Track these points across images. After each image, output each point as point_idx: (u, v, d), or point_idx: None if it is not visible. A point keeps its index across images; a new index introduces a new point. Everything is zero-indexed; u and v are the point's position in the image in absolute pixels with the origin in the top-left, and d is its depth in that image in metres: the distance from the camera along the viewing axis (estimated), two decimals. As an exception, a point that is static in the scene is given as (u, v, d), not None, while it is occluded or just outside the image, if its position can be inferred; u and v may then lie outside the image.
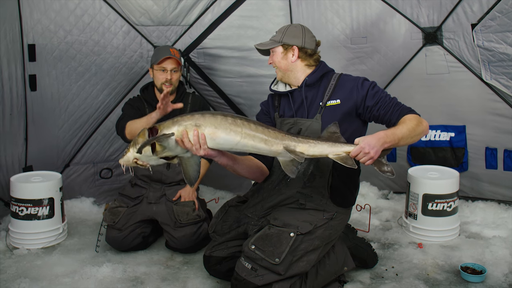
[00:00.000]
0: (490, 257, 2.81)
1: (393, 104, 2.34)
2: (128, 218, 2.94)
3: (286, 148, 2.13)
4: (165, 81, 2.97)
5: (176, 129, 2.05)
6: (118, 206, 3.00)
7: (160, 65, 2.97)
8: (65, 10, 3.19)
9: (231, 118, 2.10)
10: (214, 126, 2.07)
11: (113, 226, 2.91)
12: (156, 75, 3.01)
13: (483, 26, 3.21)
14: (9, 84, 3.09)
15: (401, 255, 2.88)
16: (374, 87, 2.38)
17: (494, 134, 3.41)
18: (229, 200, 2.69)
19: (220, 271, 2.53)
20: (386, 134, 2.19)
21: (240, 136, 2.08)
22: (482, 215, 3.39)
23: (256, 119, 2.61)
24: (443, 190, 3.06)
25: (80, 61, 3.30)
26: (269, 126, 2.19)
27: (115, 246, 2.93)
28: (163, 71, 2.98)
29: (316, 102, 2.41)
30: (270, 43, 2.50)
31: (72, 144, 3.50)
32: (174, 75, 3.00)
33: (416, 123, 2.27)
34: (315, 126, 2.37)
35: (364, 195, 3.66)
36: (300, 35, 2.47)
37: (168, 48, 3.04)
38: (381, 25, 3.45)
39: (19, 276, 2.59)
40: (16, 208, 2.96)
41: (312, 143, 2.17)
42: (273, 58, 2.49)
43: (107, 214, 2.98)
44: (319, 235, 2.36)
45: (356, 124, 2.41)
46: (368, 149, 2.11)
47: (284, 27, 2.52)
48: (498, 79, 3.27)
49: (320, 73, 2.45)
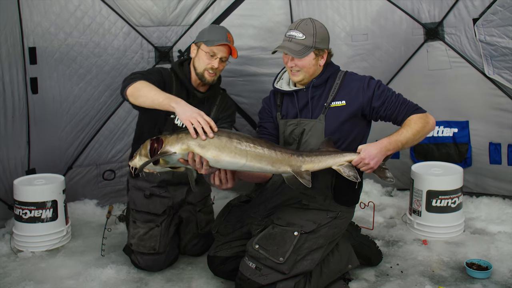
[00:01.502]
0: (495, 253, 2.80)
1: (399, 103, 2.32)
2: (166, 239, 2.67)
3: (293, 171, 2.14)
4: (210, 68, 2.60)
5: (180, 147, 2.05)
6: (150, 229, 2.65)
7: (211, 47, 2.58)
8: (65, 12, 3.19)
9: (236, 140, 2.05)
10: (218, 149, 2.04)
11: (154, 252, 2.64)
12: (201, 57, 2.61)
13: (484, 21, 3.19)
14: (11, 88, 3.09)
15: (405, 252, 2.87)
16: (380, 87, 2.34)
17: (497, 129, 3.39)
18: (232, 199, 2.69)
19: (225, 271, 2.52)
20: (389, 141, 2.21)
21: (245, 160, 2.07)
22: (487, 210, 3.38)
23: (258, 118, 2.61)
24: (447, 186, 3.05)
25: (81, 63, 3.30)
26: (275, 145, 2.15)
27: (156, 269, 2.67)
28: (211, 56, 2.59)
29: (320, 102, 2.38)
30: (302, 49, 2.29)
31: (75, 146, 3.50)
32: (221, 64, 2.64)
33: (421, 125, 2.27)
34: (318, 126, 2.35)
35: (368, 193, 3.64)
36: (327, 36, 2.36)
37: (225, 32, 2.64)
38: (382, 21, 3.44)
39: (23, 279, 2.59)
40: (19, 211, 2.96)
41: (316, 160, 2.18)
42: (300, 62, 2.31)
43: (139, 244, 2.64)
44: (323, 234, 2.35)
45: (360, 125, 2.40)
46: (368, 160, 2.17)
47: (309, 26, 2.31)
48: (500, 73, 3.25)
49: (327, 74, 2.40)
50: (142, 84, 2.33)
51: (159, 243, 2.65)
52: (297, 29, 2.31)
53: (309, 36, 2.29)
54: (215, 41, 2.57)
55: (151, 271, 2.68)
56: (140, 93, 2.30)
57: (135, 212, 2.74)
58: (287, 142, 2.45)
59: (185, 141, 2.05)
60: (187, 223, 2.81)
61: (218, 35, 2.60)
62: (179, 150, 2.05)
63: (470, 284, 2.49)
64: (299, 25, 2.33)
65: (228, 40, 2.61)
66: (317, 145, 2.33)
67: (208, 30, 2.70)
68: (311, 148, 2.34)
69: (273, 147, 2.13)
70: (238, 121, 3.70)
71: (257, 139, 2.13)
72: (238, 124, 3.72)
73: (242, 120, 3.70)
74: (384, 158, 2.23)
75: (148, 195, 2.73)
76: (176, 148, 2.05)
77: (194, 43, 2.69)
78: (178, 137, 2.07)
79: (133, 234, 2.71)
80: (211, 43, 2.58)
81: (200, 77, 2.64)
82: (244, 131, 3.76)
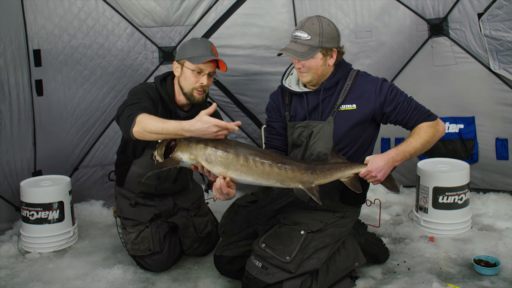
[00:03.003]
0: (503, 249, 2.78)
1: (411, 109, 2.28)
2: (159, 237, 2.67)
3: (305, 188, 2.14)
4: (199, 86, 2.46)
5: (188, 156, 2.09)
6: (140, 232, 2.65)
7: (197, 65, 2.42)
8: (68, 15, 3.20)
9: (243, 158, 2.03)
10: (224, 166, 2.05)
11: (151, 253, 2.64)
12: (187, 75, 2.46)
13: (489, 15, 3.16)
14: (16, 90, 3.11)
15: (412, 249, 2.86)
16: (392, 91, 2.29)
17: (504, 124, 3.36)
18: (237, 199, 2.68)
19: (231, 270, 2.52)
20: (397, 153, 2.21)
21: (252, 178, 2.08)
22: (494, 206, 3.35)
23: (266, 115, 2.57)
24: (453, 183, 3.03)
25: (85, 64, 3.31)
26: (285, 161, 2.10)
27: (160, 269, 2.67)
28: (198, 73, 2.44)
29: (330, 104, 2.33)
30: (308, 50, 2.22)
31: (80, 147, 3.51)
32: (210, 80, 2.49)
33: (431, 134, 2.25)
34: (326, 129, 2.31)
35: (374, 190, 3.63)
36: (335, 34, 2.28)
37: (209, 44, 2.47)
38: (386, 18, 3.42)
39: (31, 280, 2.61)
40: (26, 213, 2.98)
41: (329, 174, 2.18)
42: (307, 63, 2.24)
43: (133, 248, 2.64)
44: (329, 233, 2.35)
45: (369, 129, 2.37)
46: (376, 173, 2.18)
47: (315, 25, 2.23)
48: (506, 68, 3.22)
49: (339, 76, 2.33)
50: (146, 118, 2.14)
51: (152, 243, 2.64)
52: (302, 29, 2.25)
53: (315, 36, 2.22)
54: (200, 58, 2.41)
55: (157, 271, 2.69)
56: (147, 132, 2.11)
57: (123, 219, 2.76)
58: (295, 144, 2.43)
59: (193, 151, 2.07)
60: (185, 228, 2.78)
61: (202, 50, 2.44)
62: (187, 159, 2.10)
63: (478, 281, 2.48)
64: (304, 25, 2.26)
65: (213, 53, 2.46)
66: (325, 148, 2.31)
67: (191, 45, 2.51)
68: (319, 151, 2.33)
69: (283, 165, 2.09)
70: (243, 120, 3.70)
71: (266, 154, 2.09)
72: (243, 123, 3.72)
73: (247, 119, 3.70)
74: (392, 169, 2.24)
75: (133, 204, 2.73)
76: (185, 157, 2.10)
77: (177, 61, 2.52)
78: (189, 145, 2.09)
79: (126, 240, 2.73)
80: (196, 60, 2.42)
81: (188, 97, 2.51)
82: (249, 130, 3.76)
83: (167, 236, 2.74)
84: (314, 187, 2.16)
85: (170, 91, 2.56)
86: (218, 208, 3.18)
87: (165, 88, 2.55)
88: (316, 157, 2.34)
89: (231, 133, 2.27)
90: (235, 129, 2.04)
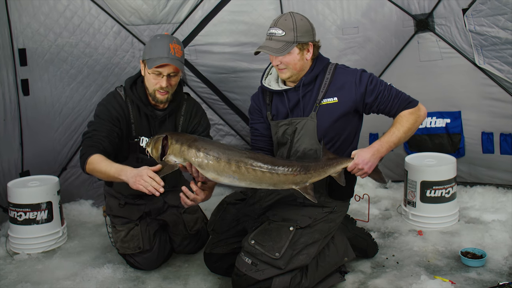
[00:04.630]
0: (490, 241, 2.82)
1: (392, 97, 2.31)
2: (148, 235, 2.67)
3: (299, 188, 2.17)
4: (160, 88, 2.43)
5: (181, 160, 2.15)
6: (130, 230, 2.65)
7: (155, 68, 2.38)
8: (54, 13, 3.17)
9: (235, 164, 2.07)
10: (216, 173, 2.10)
11: (141, 251, 2.63)
12: (148, 78, 2.44)
13: (474, 11, 3.19)
14: (2, 90, 3.07)
15: (401, 243, 2.88)
16: (372, 81, 2.31)
17: (489, 118, 3.41)
18: (226, 196, 2.68)
19: (221, 267, 2.53)
20: (381, 144, 2.25)
21: (245, 183, 2.13)
22: (481, 199, 3.40)
23: (249, 117, 2.59)
24: (440, 177, 3.06)
25: (71, 63, 3.29)
26: (278, 164, 2.13)
27: (150, 267, 2.66)
28: (157, 75, 2.41)
29: (311, 100, 2.34)
30: (283, 45, 2.23)
31: (68, 147, 3.49)
32: (172, 80, 2.43)
33: (412, 121, 2.29)
34: (310, 125, 2.32)
35: (363, 185, 3.66)
36: (310, 28, 2.29)
37: (167, 45, 2.37)
38: (372, 14, 3.43)
39: (20, 281, 2.59)
40: (14, 214, 2.95)
41: (322, 172, 2.21)
42: (284, 59, 2.25)
43: (123, 246, 2.64)
44: (318, 228, 2.36)
45: (353, 121, 2.39)
46: (362, 165, 2.21)
47: (289, 21, 2.25)
48: (491, 63, 3.26)
49: (317, 71, 2.34)
50: (92, 163, 2.29)
51: (142, 241, 2.64)
52: (276, 26, 2.26)
53: (289, 31, 2.23)
54: (156, 60, 2.35)
55: (148, 270, 2.68)
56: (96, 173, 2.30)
57: (113, 217, 2.75)
58: (280, 143, 2.43)
59: (186, 155, 2.13)
60: (175, 225, 2.77)
61: (160, 51, 2.35)
62: (181, 161, 2.16)
63: (465, 273, 2.51)
64: (278, 22, 2.27)
65: (171, 53, 2.35)
66: (309, 144, 2.33)
67: (150, 45, 2.43)
68: (304, 147, 2.34)
69: (275, 168, 2.11)
70: (232, 117, 3.70)
71: (259, 158, 2.12)
72: (232, 120, 3.72)
73: (235, 116, 3.70)
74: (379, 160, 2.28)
75: (123, 204, 2.73)
76: (178, 160, 2.16)
77: (141, 60, 2.49)
78: (182, 149, 2.14)
79: (115, 239, 2.73)
80: (151, 62, 2.36)
81: (153, 98, 2.49)
82: (238, 128, 3.76)
83: (156, 234, 2.73)
84: (308, 186, 2.19)
85: (142, 95, 2.53)
86: (208, 206, 3.17)
87: (136, 93, 2.53)
88: (302, 154, 2.35)
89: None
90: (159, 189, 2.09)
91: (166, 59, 2.36)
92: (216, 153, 2.09)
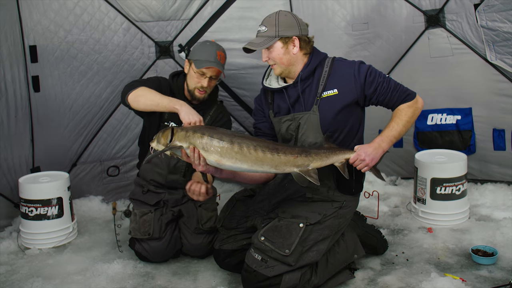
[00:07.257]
0: (501, 239, 2.80)
1: (390, 89, 2.33)
2: (160, 224, 2.72)
3: (301, 171, 2.19)
4: (200, 86, 2.68)
5: (186, 144, 2.19)
6: (143, 214, 2.73)
7: (200, 69, 2.64)
8: (64, 10, 3.18)
9: (237, 146, 2.12)
10: (219, 154, 2.14)
11: (150, 237, 2.68)
12: (191, 76, 2.69)
13: (486, 6, 3.16)
14: (13, 87, 3.10)
15: (411, 240, 2.87)
16: (371, 73, 2.32)
17: (501, 115, 3.37)
18: (236, 193, 2.69)
19: (230, 264, 2.53)
20: (382, 139, 2.29)
21: (247, 165, 2.15)
22: (492, 197, 3.37)
23: (253, 119, 2.62)
24: (451, 174, 3.04)
25: (81, 60, 3.30)
26: (279, 147, 2.17)
27: (158, 258, 2.70)
28: (201, 75, 2.66)
29: (312, 94, 2.36)
30: (265, 40, 2.31)
31: (78, 143, 3.51)
32: (212, 82, 2.70)
33: (411, 114, 2.34)
34: (313, 118, 2.33)
35: (372, 182, 3.64)
36: (294, 23, 2.34)
37: (215, 51, 2.66)
38: (382, 9, 3.41)
39: (31, 276, 2.62)
40: (25, 209, 2.98)
41: (325, 157, 2.23)
42: (271, 54, 2.33)
43: (135, 227, 2.72)
44: (328, 225, 2.36)
45: (355, 112, 2.40)
46: (364, 156, 2.24)
47: (272, 18, 2.33)
48: (503, 59, 3.23)
49: (314, 65, 2.36)
50: (143, 90, 2.56)
51: (152, 228, 2.70)
52: (262, 24, 2.36)
53: (271, 26, 2.31)
54: (204, 63, 2.63)
55: (155, 261, 2.70)
56: (141, 98, 2.54)
57: (133, 201, 2.88)
58: (285, 139, 2.44)
59: (191, 140, 2.18)
60: (189, 217, 2.81)
61: (207, 55, 2.64)
62: (185, 146, 2.20)
63: (476, 271, 2.50)
64: (264, 20, 2.37)
65: (217, 59, 2.64)
66: (314, 138, 2.33)
67: (199, 48, 2.72)
68: (310, 141, 2.35)
69: (276, 150, 2.16)
70: (241, 114, 3.71)
71: (260, 142, 2.17)
72: (241, 116, 3.73)
73: (244, 113, 3.70)
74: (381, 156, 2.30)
75: (145, 191, 2.85)
76: (183, 144, 2.20)
77: (187, 59, 2.75)
78: (187, 134, 2.20)
79: (131, 220, 2.82)
80: (199, 64, 2.64)
81: (191, 94, 2.73)
82: (247, 124, 3.76)
83: (169, 226, 2.77)
84: (311, 170, 2.21)
85: (180, 86, 2.79)
86: (222, 204, 3.19)
87: (176, 83, 2.80)
88: None
89: None
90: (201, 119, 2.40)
91: (213, 63, 2.63)
92: (219, 136, 2.15)
